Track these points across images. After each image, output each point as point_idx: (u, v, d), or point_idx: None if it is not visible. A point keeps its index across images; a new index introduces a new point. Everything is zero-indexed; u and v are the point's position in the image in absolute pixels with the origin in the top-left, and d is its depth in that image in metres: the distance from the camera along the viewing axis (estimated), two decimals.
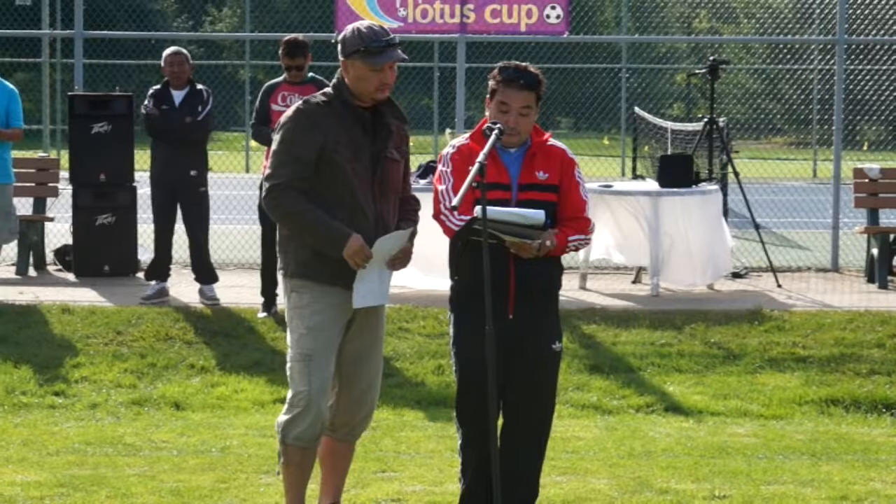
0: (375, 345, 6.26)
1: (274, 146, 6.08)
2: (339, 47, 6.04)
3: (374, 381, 6.28)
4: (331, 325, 6.06)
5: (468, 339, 6.10)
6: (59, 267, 13.70)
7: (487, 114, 6.17)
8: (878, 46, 26.16)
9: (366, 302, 6.04)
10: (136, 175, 13.45)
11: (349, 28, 6.06)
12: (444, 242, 6.24)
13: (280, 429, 6.13)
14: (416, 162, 12.99)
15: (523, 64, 6.17)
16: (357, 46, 5.95)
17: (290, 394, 6.11)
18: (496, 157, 6.08)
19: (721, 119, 15.05)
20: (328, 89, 6.12)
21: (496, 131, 5.95)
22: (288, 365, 6.13)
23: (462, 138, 6.30)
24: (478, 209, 5.80)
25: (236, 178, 23.07)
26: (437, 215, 6.13)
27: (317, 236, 5.97)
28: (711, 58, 14.44)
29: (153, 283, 12.09)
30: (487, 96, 6.17)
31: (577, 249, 6.29)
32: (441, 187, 6.14)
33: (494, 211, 5.85)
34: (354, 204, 5.98)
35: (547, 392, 6.25)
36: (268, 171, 6.07)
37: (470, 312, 6.07)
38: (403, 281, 11.68)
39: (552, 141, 6.26)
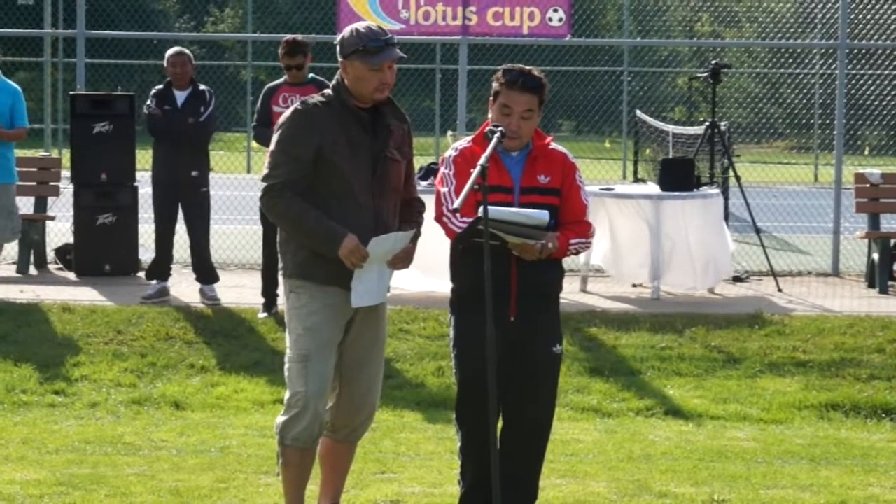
0: (376, 346, 6.26)
1: (272, 146, 6.09)
2: (338, 48, 6.05)
3: (375, 383, 6.28)
4: (328, 326, 6.06)
5: (469, 342, 6.09)
6: (60, 266, 13.71)
7: (490, 116, 6.17)
8: (879, 51, 26.17)
9: (364, 301, 6.04)
10: (138, 175, 13.46)
11: (348, 29, 6.07)
12: (445, 244, 6.24)
13: (278, 430, 6.13)
14: (417, 164, 13.00)
15: (528, 67, 6.17)
16: (355, 46, 5.96)
17: (287, 394, 6.11)
18: (498, 160, 6.08)
19: (723, 123, 15.06)
20: (327, 90, 6.13)
21: (498, 134, 5.95)
22: (286, 366, 6.13)
23: (464, 141, 6.30)
24: (482, 210, 5.79)
25: (237, 179, 23.08)
26: (439, 217, 6.14)
27: (312, 236, 5.98)
28: (713, 61, 14.45)
29: (154, 282, 12.09)
30: (490, 98, 6.17)
31: (577, 253, 6.29)
32: (443, 190, 6.15)
33: (498, 211, 5.85)
34: (353, 204, 5.99)
35: (547, 395, 6.25)
36: (265, 170, 6.08)
37: (471, 314, 6.06)
38: (403, 283, 11.68)
39: (554, 145, 6.27)
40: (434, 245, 7.26)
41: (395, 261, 6.08)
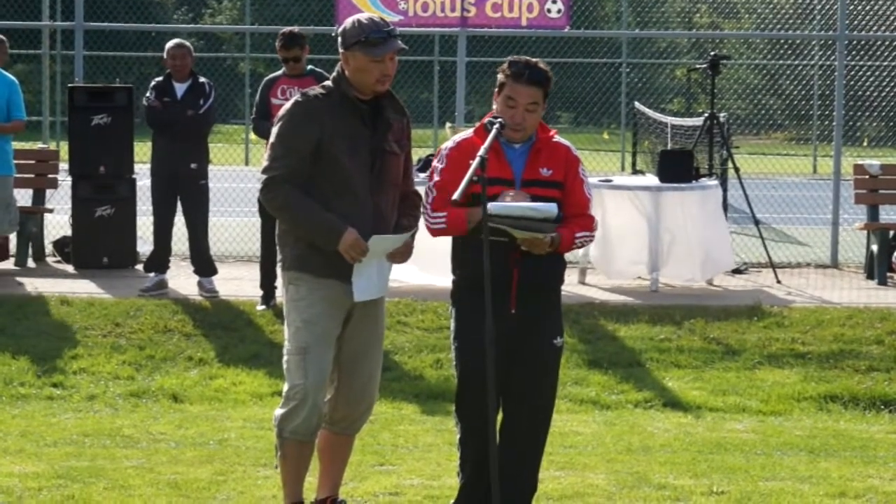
0: (375, 338, 6.25)
1: (271, 138, 6.08)
2: (340, 39, 6.03)
3: (374, 374, 6.27)
4: (327, 318, 6.05)
5: (469, 334, 6.08)
6: (58, 258, 13.69)
7: (495, 107, 6.15)
8: (878, 42, 26.14)
9: (365, 296, 6.04)
10: (136, 167, 13.44)
11: (349, 20, 6.06)
12: (442, 238, 6.23)
13: (277, 423, 6.11)
14: (415, 155, 12.97)
15: (534, 60, 6.15)
16: (358, 37, 5.95)
17: (286, 387, 6.10)
18: (500, 151, 6.07)
19: (721, 114, 15.04)
20: (328, 82, 6.12)
21: (497, 126, 5.93)
22: (284, 358, 6.13)
23: (466, 133, 6.28)
24: (490, 205, 5.77)
25: (236, 171, 23.03)
26: (422, 209, 6.16)
27: (312, 229, 5.97)
28: (712, 53, 14.43)
29: (152, 275, 12.08)
30: (496, 89, 6.14)
31: (582, 246, 6.28)
32: (429, 183, 6.16)
33: (503, 206, 5.83)
34: (352, 197, 5.98)
35: (547, 387, 6.24)
36: (265, 163, 6.07)
37: (471, 306, 6.05)
38: (400, 276, 11.65)
39: (557, 138, 6.24)
40: (431, 240, 7.23)
41: (394, 255, 6.08)
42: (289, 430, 6.07)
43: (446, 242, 6.25)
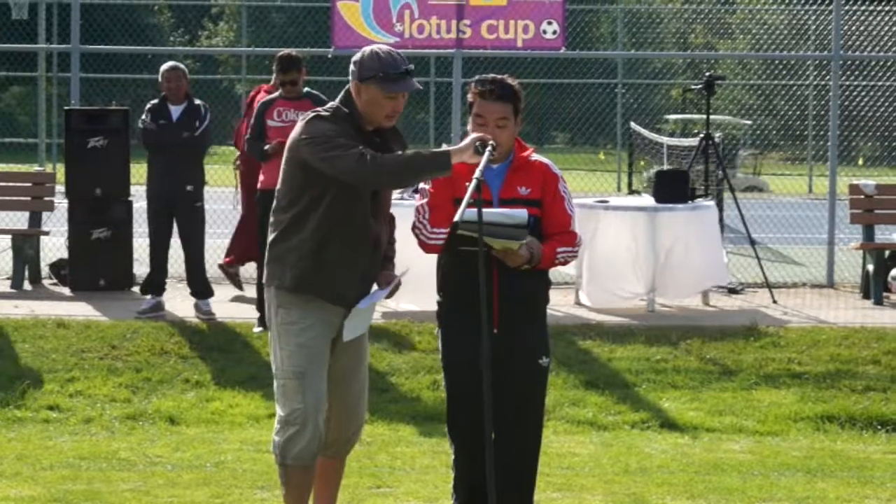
0: (361, 358, 6.22)
1: (315, 144, 5.81)
2: (355, 69, 5.91)
3: (362, 394, 6.25)
4: (321, 341, 6.01)
5: (454, 354, 6.10)
6: (55, 281, 13.68)
7: (469, 127, 6.15)
8: (873, 62, 26.21)
9: (353, 335, 6.05)
10: (132, 189, 13.45)
11: (367, 50, 5.95)
12: (430, 261, 6.24)
13: (278, 450, 6.03)
14: None
15: (500, 76, 6.15)
16: (375, 72, 5.86)
17: (282, 413, 6.02)
18: None
19: (717, 134, 15.06)
20: (340, 108, 5.96)
21: (489, 147, 5.84)
22: (278, 383, 6.05)
23: None
24: (458, 215, 5.78)
25: (232, 193, 23.03)
26: (414, 228, 6.15)
27: (422, 167, 5.79)
28: (707, 73, 14.46)
29: (148, 297, 12.07)
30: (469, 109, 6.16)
31: (564, 263, 6.22)
32: (420, 202, 6.16)
33: (474, 213, 5.79)
34: (357, 224, 5.92)
35: (533, 408, 6.20)
36: (331, 157, 5.78)
37: (455, 326, 6.07)
38: (398, 302, 11.63)
39: (535, 156, 6.22)
40: (423, 264, 7.22)
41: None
42: (292, 455, 5.99)
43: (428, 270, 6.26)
